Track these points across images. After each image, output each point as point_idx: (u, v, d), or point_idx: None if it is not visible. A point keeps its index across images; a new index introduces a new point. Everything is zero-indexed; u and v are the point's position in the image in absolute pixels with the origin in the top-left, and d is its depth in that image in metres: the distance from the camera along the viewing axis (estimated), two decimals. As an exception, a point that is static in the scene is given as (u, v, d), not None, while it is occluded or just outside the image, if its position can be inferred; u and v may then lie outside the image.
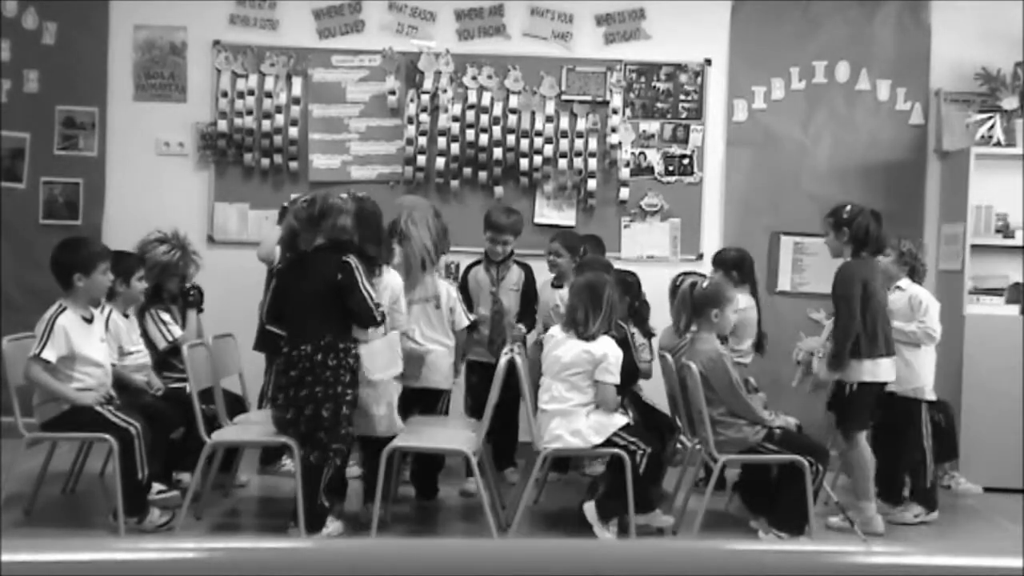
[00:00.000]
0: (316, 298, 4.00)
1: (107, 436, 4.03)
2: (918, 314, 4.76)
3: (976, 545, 4.00)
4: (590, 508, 4.22)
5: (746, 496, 4.59)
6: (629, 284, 4.96)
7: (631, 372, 4.68)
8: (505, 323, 5.11)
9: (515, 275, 5.17)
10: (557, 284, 5.15)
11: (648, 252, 5.91)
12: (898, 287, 4.85)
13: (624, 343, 4.64)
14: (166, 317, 4.82)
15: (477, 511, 4.23)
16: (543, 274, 5.31)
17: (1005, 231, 5.64)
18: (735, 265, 5.10)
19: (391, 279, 4.38)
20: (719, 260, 5.21)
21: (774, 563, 1.01)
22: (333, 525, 4.12)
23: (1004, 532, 4.61)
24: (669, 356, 4.61)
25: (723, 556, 1.03)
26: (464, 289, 5.09)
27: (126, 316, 4.65)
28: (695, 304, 4.45)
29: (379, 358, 4.14)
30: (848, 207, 4.66)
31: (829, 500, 4.67)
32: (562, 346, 4.27)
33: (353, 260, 4.02)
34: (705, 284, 4.53)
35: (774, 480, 4.37)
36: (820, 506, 4.41)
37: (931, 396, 4.79)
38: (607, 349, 4.22)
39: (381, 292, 4.23)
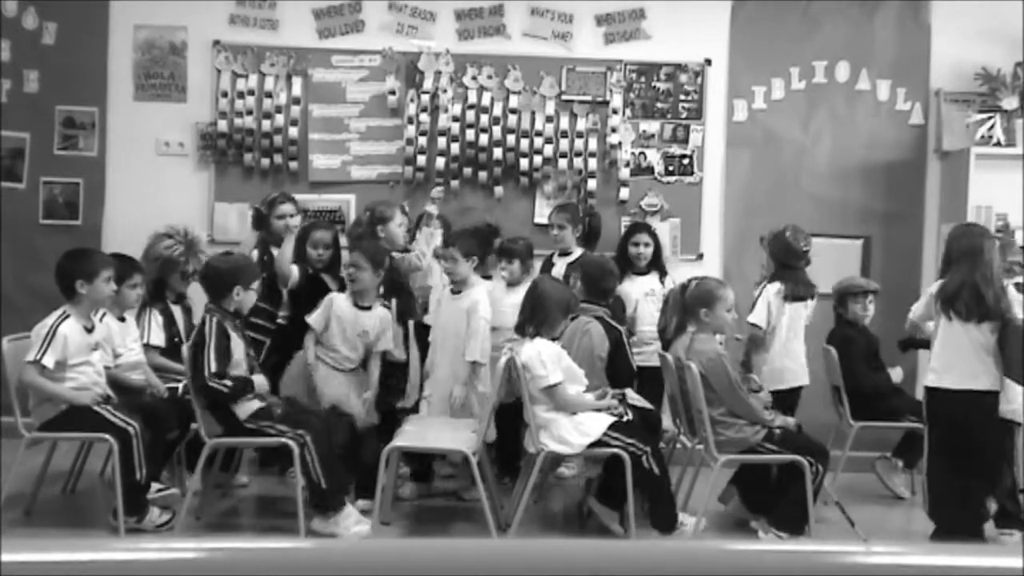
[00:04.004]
0: None
1: (107, 436, 4.04)
2: None
3: (976, 545, 3.99)
4: (606, 511, 4.23)
5: (746, 496, 4.59)
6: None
7: (626, 374, 4.66)
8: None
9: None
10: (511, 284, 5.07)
11: (648, 252, 5.89)
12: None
13: (618, 344, 4.63)
14: (156, 320, 4.80)
15: (477, 511, 4.23)
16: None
17: (1005, 231, 5.63)
18: (530, 254, 5.18)
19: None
20: (509, 251, 5.15)
21: (774, 563, 1.01)
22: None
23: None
24: (669, 356, 4.60)
25: (723, 556, 1.03)
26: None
27: (122, 320, 4.64)
28: (685, 305, 4.45)
29: None
30: (579, 206, 5.61)
31: (829, 500, 4.67)
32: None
33: None
34: (694, 285, 4.51)
35: (774, 480, 4.37)
36: (820, 505, 4.41)
37: (1020, 418, 4.36)
38: (529, 354, 4.19)
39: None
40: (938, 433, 4.26)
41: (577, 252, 5.39)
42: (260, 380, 4.26)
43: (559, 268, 5.32)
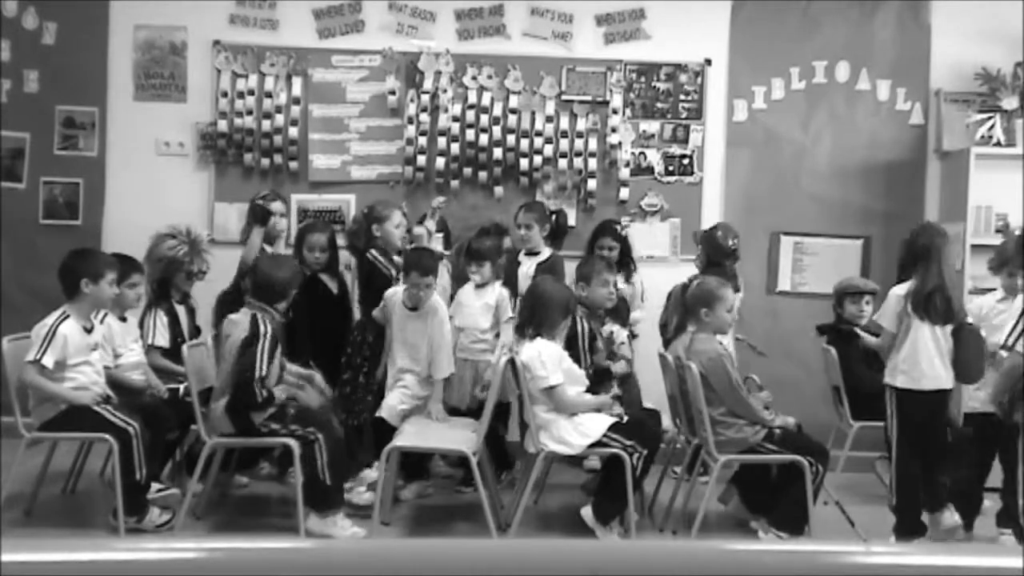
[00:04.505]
0: None
1: (107, 436, 4.04)
2: None
3: (976, 545, 3.99)
4: (587, 513, 4.22)
5: (746, 496, 4.59)
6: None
7: (597, 372, 4.63)
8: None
9: None
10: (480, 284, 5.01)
11: (648, 252, 5.90)
12: None
13: (574, 340, 4.58)
14: (161, 321, 4.79)
15: (477, 511, 4.23)
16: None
17: (1005, 231, 5.63)
18: (499, 254, 5.13)
19: None
20: (478, 253, 5.02)
21: (774, 563, 1.01)
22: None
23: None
24: (670, 356, 4.60)
25: (723, 556, 1.04)
26: None
27: (123, 320, 4.64)
28: (686, 304, 4.45)
29: None
30: (544, 204, 5.47)
31: (829, 500, 4.67)
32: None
33: None
34: (695, 284, 4.51)
35: (774, 480, 4.37)
36: (820, 505, 4.41)
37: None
38: (529, 354, 4.17)
39: None
40: (911, 434, 4.30)
41: (545, 252, 5.35)
42: (279, 391, 4.25)
43: (526, 268, 5.27)
